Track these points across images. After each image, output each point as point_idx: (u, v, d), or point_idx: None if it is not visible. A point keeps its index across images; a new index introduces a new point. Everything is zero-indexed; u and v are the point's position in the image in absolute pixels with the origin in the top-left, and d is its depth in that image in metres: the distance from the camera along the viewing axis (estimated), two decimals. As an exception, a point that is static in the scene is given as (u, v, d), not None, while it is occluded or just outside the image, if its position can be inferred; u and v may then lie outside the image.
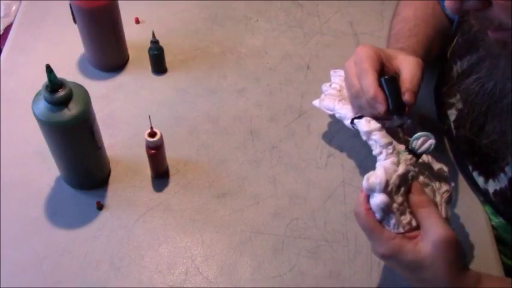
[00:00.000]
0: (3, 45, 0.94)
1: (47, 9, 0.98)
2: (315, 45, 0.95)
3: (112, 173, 0.78)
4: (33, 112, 0.64)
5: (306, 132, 0.83)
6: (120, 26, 0.86)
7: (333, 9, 1.02)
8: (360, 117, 0.70)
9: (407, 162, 0.63)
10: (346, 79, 0.70)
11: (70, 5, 0.80)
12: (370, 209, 0.60)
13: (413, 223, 0.60)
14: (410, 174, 0.62)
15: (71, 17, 0.82)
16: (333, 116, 0.81)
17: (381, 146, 0.65)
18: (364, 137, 0.68)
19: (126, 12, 0.89)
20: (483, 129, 0.70)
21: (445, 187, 0.68)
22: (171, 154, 0.78)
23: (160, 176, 0.77)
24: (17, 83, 0.87)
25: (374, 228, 0.59)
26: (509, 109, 0.65)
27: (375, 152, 0.66)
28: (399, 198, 0.60)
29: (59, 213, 0.73)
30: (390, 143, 0.65)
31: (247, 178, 0.78)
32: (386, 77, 0.66)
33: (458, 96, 0.76)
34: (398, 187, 0.60)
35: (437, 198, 0.67)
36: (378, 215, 0.59)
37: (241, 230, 0.73)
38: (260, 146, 0.82)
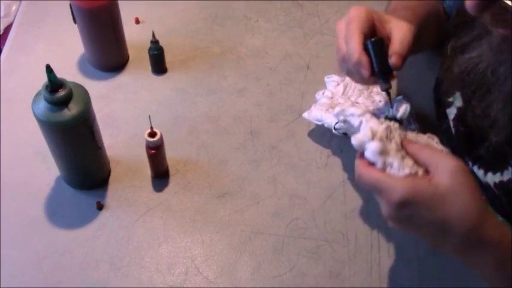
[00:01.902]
0: (3, 45, 0.94)
1: (47, 9, 0.98)
2: (315, 45, 0.95)
3: (112, 173, 0.78)
4: (33, 112, 0.64)
5: (306, 132, 0.83)
6: (120, 26, 0.86)
7: (333, 9, 1.02)
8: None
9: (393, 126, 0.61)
10: (336, 41, 0.68)
11: (70, 5, 0.80)
12: (369, 164, 0.57)
13: (416, 168, 0.56)
14: (395, 128, 0.60)
15: (71, 17, 0.82)
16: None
17: (359, 116, 0.62)
18: (348, 131, 0.65)
19: (126, 12, 0.89)
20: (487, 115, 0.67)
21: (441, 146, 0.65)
22: (171, 154, 0.78)
23: (160, 176, 0.77)
24: (17, 83, 0.87)
25: (380, 178, 0.55)
26: (501, 94, 0.64)
27: (356, 125, 0.62)
28: (393, 146, 0.57)
29: (59, 213, 0.73)
30: (367, 112, 0.63)
31: (247, 178, 0.78)
32: (372, 39, 0.64)
33: (457, 94, 0.76)
34: (387, 138, 0.58)
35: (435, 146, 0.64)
36: (378, 164, 0.56)
37: (241, 230, 0.73)
38: (260, 146, 0.82)
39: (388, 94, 0.67)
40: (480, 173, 0.72)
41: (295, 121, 0.85)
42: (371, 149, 0.57)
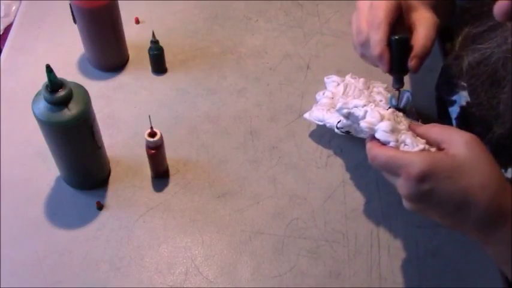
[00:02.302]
0: (3, 45, 0.94)
1: (47, 9, 0.98)
2: (315, 45, 0.95)
3: (112, 173, 0.78)
4: (33, 112, 0.64)
5: (306, 132, 0.83)
6: (120, 26, 0.86)
7: (333, 9, 1.02)
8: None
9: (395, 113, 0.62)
10: (356, 20, 0.65)
11: (70, 5, 0.80)
12: (381, 144, 0.57)
13: (428, 146, 0.55)
14: (400, 115, 0.61)
15: (71, 17, 0.82)
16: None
17: (363, 107, 0.62)
18: (355, 124, 0.65)
19: (126, 12, 0.89)
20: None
21: None
22: (171, 154, 0.78)
23: (160, 176, 0.77)
24: (17, 83, 0.87)
25: (396, 154, 0.54)
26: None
27: (361, 115, 0.62)
28: (402, 126, 0.58)
29: (59, 213, 0.73)
30: (370, 102, 0.63)
31: (247, 178, 0.78)
32: (397, 37, 0.61)
33: (460, 93, 0.75)
34: (395, 120, 0.58)
35: None
36: (391, 142, 0.55)
37: (241, 230, 0.73)
38: (260, 146, 0.82)
39: (399, 92, 0.66)
40: None
41: (295, 121, 0.85)
42: (383, 128, 0.56)
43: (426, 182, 0.51)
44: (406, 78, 0.89)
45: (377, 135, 0.57)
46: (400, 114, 0.62)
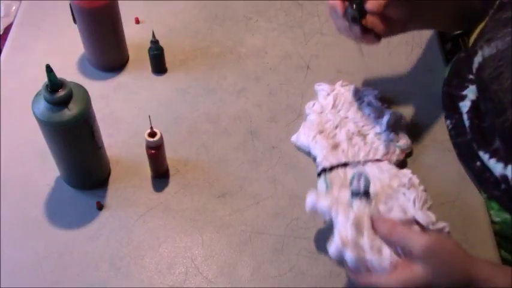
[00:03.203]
0: (3, 45, 0.94)
1: (47, 9, 0.98)
2: (315, 45, 0.95)
3: (112, 173, 0.78)
4: (33, 112, 0.64)
5: (306, 132, 0.83)
6: (120, 26, 0.86)
7: (333, 9, 1.01)
8: (324, 170, 0.73)
9: (362, 209, 0.65)
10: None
11: (70, 5, 0.80)
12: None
13: (393, 255, 0.61)
14: (365, 212, 0.65)
15: (71, 17, 0.82)
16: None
17: (328, 208, 0.66)
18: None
19: (126, 12, 0.89)
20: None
21: (414, 192, 0.69)
22: (171, 154, 0.78)
23: (160, 176, 0.77)
24: (17, 83, 0.87)
25: (372, 281, 0.60)
26: None
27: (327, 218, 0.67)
28: (365, 240, 0.62)
29: (59, 213, 0.73)
30: (334, 204, 0.66)
31: (247, 178, 0.78)
32: None
33: (470, 87, 0.75)
34: (358, 231, 0.63)
35: (410, 208, 0.67)
36: (362, 270, 0.62)
37: (241, 230, 0.73)
38: (260, 146, 0.82)
39: (354, 20, 0.69)
40: (499, 166, 0.72)
41: (295, 121, 0.85)
42: (349, 261, 0.62)
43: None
44: (406, 78, 0.90)
45: (349, 265, 0.62)
46: (362, 206, 0.66)
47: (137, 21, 0.97)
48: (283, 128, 0.84)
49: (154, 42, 0.86)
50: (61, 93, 0.63)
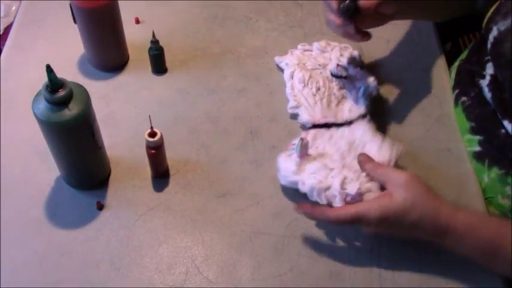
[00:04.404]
0: (3, 45, 0.94)
1: (47, 9, 0.98)
2: (315, 45, 0.95)
3: (112, 173, 0.78)
4: (33, 112, 0.64)
5: (306, 132, 0.83)
6: (120, 26, 0.86)
7: (333, 9, 1.01)
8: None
9: None
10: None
11: (70, 5, 0.81)
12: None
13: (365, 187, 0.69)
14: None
15: (71, 17, 0.82)
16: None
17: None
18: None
19: (126, 12, 0.89)
20: None
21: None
22: (171, 154, 0.78)
23: (161, 176, 0.77)
24: (17, 83, 0.87)
25: (356, 211, 0.65)
26: None
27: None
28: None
29: (59, 213, 0.73)
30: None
31: (247, 178, 0.78)
32: None
33: (489, 64, 0.79)
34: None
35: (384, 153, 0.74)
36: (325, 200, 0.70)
37: (241, 230, 0.73)
38: (260, 146, 0.82)
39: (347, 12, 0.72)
40: None
41: (295, 121, 0.84)
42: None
43: (382, 224, 0.65)
44: (406, 81, 0.90)
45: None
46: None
47: (137, 21, 0.97)
48: (283, 128, 0.84)
49: (154, 42, 0.86)
50: (61, 93, 0.63)
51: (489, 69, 0.80)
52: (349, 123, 0.79)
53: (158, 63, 0.89)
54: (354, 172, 0.71)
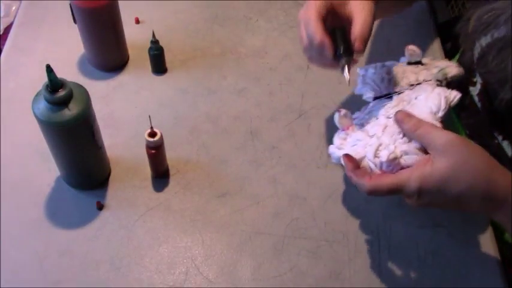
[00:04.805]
0: (3, 45, 0.94)
1: (47, 9, 0.98)
2: (315, 45, 0.95)
3: (112, 173, 0.78)
4: (33, 112, 0.64)
5: (306, 132, 0.83)
6: (120, 26, 0.86)
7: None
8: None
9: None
10: (299, 31, 0.68)
11: (70, 5, 0.81)
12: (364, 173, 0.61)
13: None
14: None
15: (71, 17, 0.82)
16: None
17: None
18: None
19: (126, 12, 0.89)
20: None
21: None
22: (171, 154, 0.78)
23: (161, 176, 0.77)
24: (17, 83, 0.87)
25: (392, 181, 0.58)
26: None
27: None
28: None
29: (59, 213, 0.73)
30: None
31: (247, 178, 0.78)
32: (335, 28, 0.64)
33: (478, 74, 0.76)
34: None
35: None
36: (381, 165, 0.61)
37: (241, 230, 0.73)
38: (260, 146, 0.82)
39: (346, 67, 0.66)
40: (510, 149, 0.72)
41: (295, 121, 0.85)
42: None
43: (423, 196, 0.57)
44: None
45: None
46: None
47: (137, 21, 0.97)
48: (283, 128, 0.84)
49: (154, 42, 0.86)
50: (61, 93, 0.63)
51: (479, 77, 0.77)
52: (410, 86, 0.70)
53: (158, 63, 0.89)
54: (392, 136, 0.62)
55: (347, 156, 0.63)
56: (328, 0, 0.65)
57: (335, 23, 0.65)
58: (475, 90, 0.78)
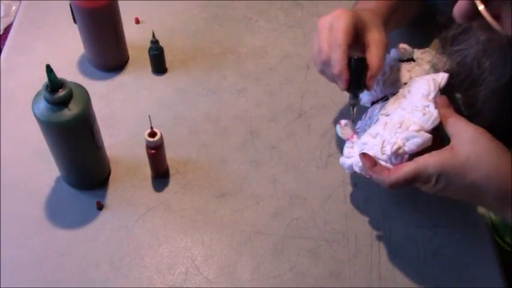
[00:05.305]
0: (3, 45, 0.94)
1: (47, 9, 0.98)
2: (315, 45, 0.95)
3: (112, 173, 0.78)
4: (33, 112, 0.64)
5: (306, 132, 0.83)
6: (120, 26, 0.86)
7: (332, 9, 1.01)
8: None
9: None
10: (317, 40, 0.69)
11: (70, 5, 0.81)
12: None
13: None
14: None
15: (71, 17, 0.83)
16: (333, 117, 0.81)
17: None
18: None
19: (126, 12, 0.89)
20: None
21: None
22: (171, 154, 0.78)
23: (160, 176, 0.77)
24: (17, 83, 0.87)
25: (412, 169, 0.59)
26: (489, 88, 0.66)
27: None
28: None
29: (59, 213, 0.73)
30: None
31: (247, 178, 0.78)
32: (356, 57, 0.66)
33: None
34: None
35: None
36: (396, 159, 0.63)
37: (241, 230, 0.73)
38: (260, 146, 0.82)
39: (353, 109, 0.71)
40: None
41: (295, 121, 0.85)
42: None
43: (439, 182, 0.58)
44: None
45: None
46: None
47: (137, 21, 0.97)
48: (283, 128, 0.84)
49: (154, 42, 0.86)
50: (61, 93, 0.63)
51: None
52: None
53: (158, 63, 0.89)
54: (392, 127, 0.65)
55: (364, 155, 0.64)
56: (355, 25, 0.67)
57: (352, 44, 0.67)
58: (460, 99, 0.79)
